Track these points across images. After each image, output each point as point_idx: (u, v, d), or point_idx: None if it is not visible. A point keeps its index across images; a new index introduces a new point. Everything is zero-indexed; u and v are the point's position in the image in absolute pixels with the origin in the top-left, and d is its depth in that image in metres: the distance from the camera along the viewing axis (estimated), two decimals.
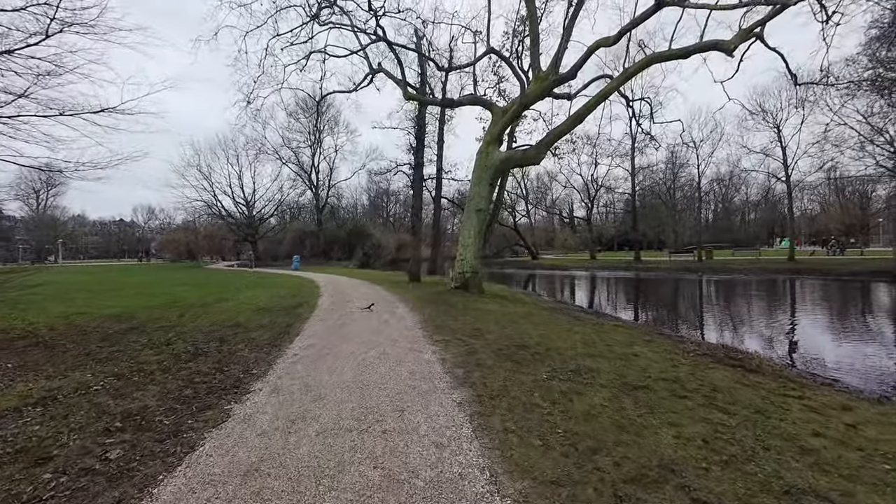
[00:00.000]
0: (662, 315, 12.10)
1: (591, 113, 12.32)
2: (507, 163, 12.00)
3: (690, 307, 13.74)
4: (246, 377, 4.03)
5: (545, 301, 12.88)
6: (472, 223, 11.63)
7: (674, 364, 4.91)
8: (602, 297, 17.20)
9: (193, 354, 4.86)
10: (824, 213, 62.77)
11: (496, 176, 12.14)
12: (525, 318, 8.04)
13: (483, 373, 4.21)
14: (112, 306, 8.55)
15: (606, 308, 13.45)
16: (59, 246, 59.21)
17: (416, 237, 15.87)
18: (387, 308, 8.67)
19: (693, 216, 60.95)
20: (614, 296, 17.77)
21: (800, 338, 8.49)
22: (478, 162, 12.28)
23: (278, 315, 7.94)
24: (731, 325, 10.26)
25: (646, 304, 14.85)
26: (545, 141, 12.00)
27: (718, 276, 22.76)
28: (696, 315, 12.00)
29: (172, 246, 56.23)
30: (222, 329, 6.44)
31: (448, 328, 6.57)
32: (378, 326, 6.58)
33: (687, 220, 56.96)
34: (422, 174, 16.44)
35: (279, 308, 8.85)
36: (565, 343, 5.79)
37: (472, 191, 12.08)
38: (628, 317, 11.58)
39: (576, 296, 18.20)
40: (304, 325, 6.83)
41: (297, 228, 51.27)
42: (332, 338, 5.74)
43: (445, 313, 8.12)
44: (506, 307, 9.43)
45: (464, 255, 11.48)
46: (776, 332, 9.09)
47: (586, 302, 15.61)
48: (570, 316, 8.87)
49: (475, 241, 11.56)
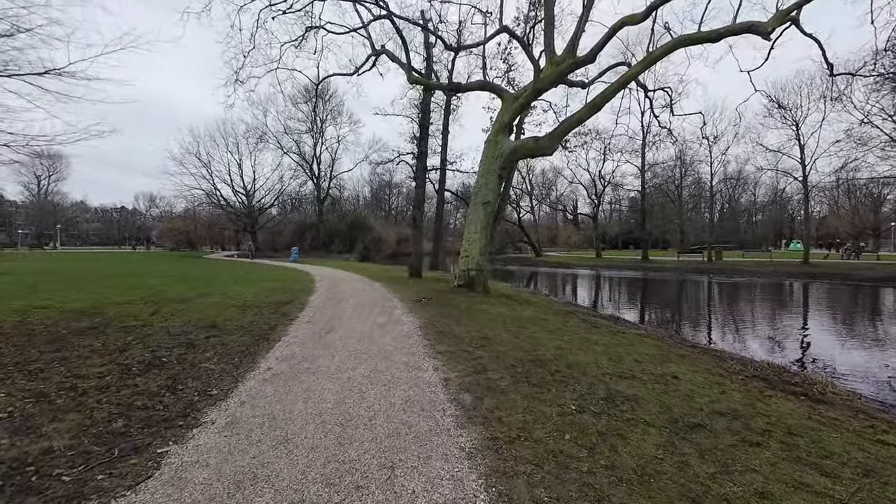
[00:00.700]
0: (685, 322, 11.22)
1: (608, 101, 11.43)
2: (518, 152, 11.12)
3: (712, 313, 12.80)
4: (201, 401, 3.22)
5: (555, 302, 12.05)
6: (479, 217, 10.79)
7: (723, 390, 4.08)
8: (614, 299, 16.31)
9: (147, 366, 4.06)
10: (834, 216, 61.54)
11: (505, 167, 11.26)
12: (537, 323, 7.23)
13: (496, 400, 3.40)
14: (80, 300, 7.76)
15: (621, 311, 12.63)
16: (57, 232, 58.49)
17: (417, 230, 15.03)
18: (383, 309, 7.86)
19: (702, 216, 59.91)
20: (627, 297, 16.89)
21: (848, 353, 7.61)
22: (486, 152, 11.41)
23: (263, 314, 7.14)
24: (765, 334, 9.32)
25: (663, 309, 13.94)
26: (559, 130, 11.10)
27: (732, 279, 21.86)
28: (722, 322, 11.09)
29: (172, 234, 55.55)
30: (195, 331, 5.64)
31: (452, 335, 5.75)
32: (372, 331, 5.78)
33: (695, 219, 55.95)
34: (425, 164, 15.57)
35: (266, 305, 8.06)
36: (587, 357, 4.97)
37: (478, 182, 11.22)
38: (647, 322, 10.75)
39: (586, 297, 17.34)
40: (288, 328, 6.02)
41: (298, 220, 50.54)
42: (316, 346, 4.94)
43: (448, 316, 7.31)
44: (514, 309, 8.61)
45: (469, 251, 10.65)
46: (820, 346, 8.19)
47: (598, 304, 14.78)
48: (584, 321, 8.05)
49: (481, 236, 10.72)
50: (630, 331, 7.43)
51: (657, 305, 14.72)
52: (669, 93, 14.86)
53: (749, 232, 66.91)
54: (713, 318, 11.86)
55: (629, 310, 13.42)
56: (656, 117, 16.95)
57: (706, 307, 14.17)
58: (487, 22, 13.06)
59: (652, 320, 11.26)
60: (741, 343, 8.39)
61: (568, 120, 11.12)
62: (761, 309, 13.41)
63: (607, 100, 11.02)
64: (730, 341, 8.47)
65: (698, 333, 9.40)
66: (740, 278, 21.97)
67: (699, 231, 65.95)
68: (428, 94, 15.55)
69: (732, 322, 11.14)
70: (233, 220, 43.84)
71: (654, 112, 16.68)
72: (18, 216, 78.91)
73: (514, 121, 11.48)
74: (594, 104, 10.86)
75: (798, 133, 26.33)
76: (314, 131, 44.33)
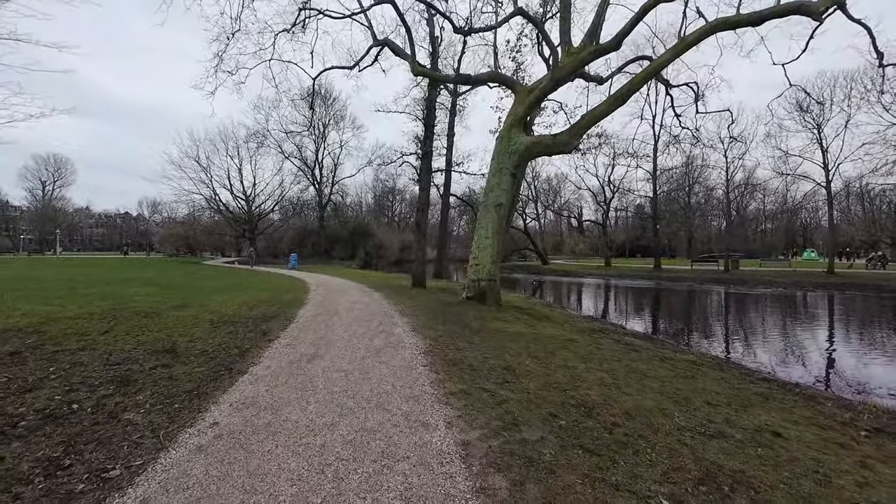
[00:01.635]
0: (732, 341, 9.83)
1: (634, 93, 10.34)
2: (534, 149, 10.00)
3: (756, 330, 11.28)
4: (82, 494, 2.05)
5: (576, 317, 10.81)
6: (491, 220, 9.65)
7: (860, 460, 2.87)
8: (639, 313, 14.89)
9: (45, 418, 2.90)
10: (847, 223, 59.89)
11: (519, 165, 10.15)
12: (564, 345, 6.03)
13: (545, 488, 2.21)
14: (29, 313, 6.65)
15: (652, 327, 11.34)
16: (56, 237, 57.90)
17: (420, 236, 13.90)
18: (382, 327, 6.69)
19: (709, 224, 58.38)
20: (651, 311, 15.48)
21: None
22: (498, 148, 10.31)
23: (238, 332, 5.99)
24: (838, 360, 7.83)
25: (698, 324, 12.37)
26: (580, 125, 10.00)
27: (756, 289, 20.51)
28: (774, 343, 9.62)
29: (172, 240, 54.77)
30: (143, 357, 4.50)
31: (465, 365, 4.57)
32: (365, 360, 4.60)
33: (705, 226, 54.49)
34: (430, 166, 14.48)
35: (246, 320, 6.91)
36: (645, 399, 3.78)
37: (490, 182, 10.10)
38: (688, 342, 9.43)
39: (605, 309, 15.97)
40: (262, 354, 4.86)
41: (299, 225, 49.61)
42: (289, 384, 3.77)
43: (458, 336, 6.13)
44: (534, 327, 7.41)
45: (479, 258, 9.49)
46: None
47: (623, 318, 13.39)
48: (619, 342, 6.84)
49: (493, 242, 9.56)
50: (676, 355, 6.20)
51: (689, 320, 13.22)
52: (695, 89, 13.75)
53: (758, 240, 65.29)
54: (760, 336, 10.38)
55: (659, 325, 12.07)
56: (678, 116, 15.81)
57: (745, 323, 12.71)
58: (498, 11, 12.06)
59: (692, 339, 9.87)
60: (814, 372, 7.05)
61: (589, 114, 10.02)
62: (809, 325, 11.97)
63: (633, 91, 9.95)
64: (799, 370, 7.08)
65: (754, 357, 8.07)
66: (765, 289, 20.62)
67: (705, 239, 64.43)
68: (433, 90, 14.53)
69: (785, 342, 9.69)
70: (232, 226, 42.90)
71: (675, 110, 15.58)
72: (22, 221, 78.79)
73: (528, 115, 10.40)
74: (618, 96, 9.79)
75: (820, 136, 25.15)
76: (316, 136, 43.57)
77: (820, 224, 67.27)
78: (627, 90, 9.72)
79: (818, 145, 25.22)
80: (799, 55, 11.43)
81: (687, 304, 17.01)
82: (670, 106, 15.65)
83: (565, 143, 9.99)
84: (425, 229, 14.44)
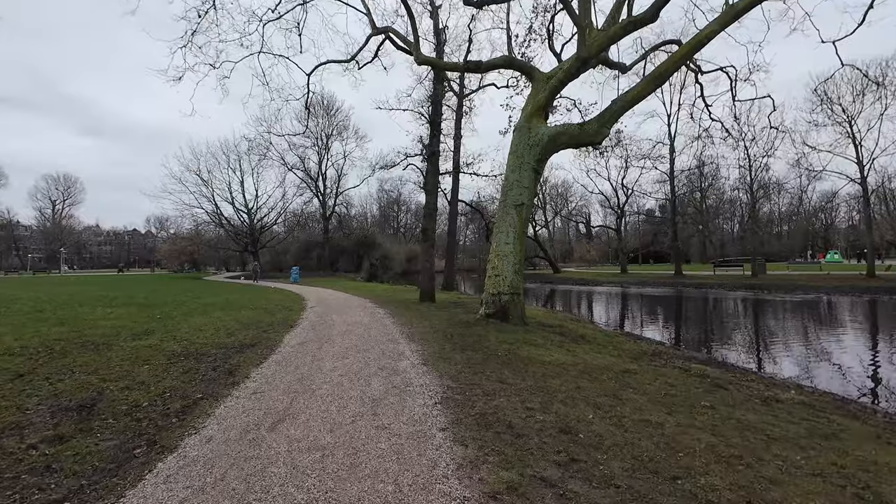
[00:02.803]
0: (831, 367, 7.79)
1: (674, 72, 8.98)
2: (559, 139, 8.62)
3: (848, 350, 9.17)
4: None
5: (614, 334, 9.22)
6: (511, 223, 8.23)
7: None
8: (681, 328, 12.93)
9: None
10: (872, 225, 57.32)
11: (542, 159, 8.75)
12: (626, 382, 4.54)
13: None
14: None
15: (711, 348, 9.47)
16: (60, 255, 57.56)
17: (428, 244, 12.50)
18: (384, 359, 5.25)
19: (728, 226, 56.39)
20: (695, 324, 13.51)
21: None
22: (516, 141, 8.96)
23: (196, 373, 4.60)
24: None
25: (763, 343, 10.21)
26: (611, 110, 8.62)
27: (797, 296, 18.71)
28: (872, 369, 7.78)
29: (176, 256, 54.05)
30: (40, 421, 3.12)
31: (504, 426, 3.11)
32: (355, 425, 3.15)
33: (716, 230, 52.46)
34: (437, 167, 13.18)
35: (214, 353, 5.52)
36: (796, 491, 2.29)
37: (508, 180, 8.72)
38: (766, 368, 7.63)
39: (640, 323, 14.08)
40: (213, 410, 3.45)
41: (303, 238, 48.61)
42: (224, 489, 2.34)
43: (484, 370, 4.68)
44: (574, 353, 5.93)
45: (499, 268, 8.04)
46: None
47: (666, 334, 11.54)
48: (688, 371, 5.31)
49: (515, 248, 8.13)
50: (780, 393, 4.64)
51: (749, 337, 11.06)
52: (731, 74, 12.35)
53: (772, 243, 62.71)
54: (861, 359, 8.39)
55: (717, 344, 10.00)
56: (707, 107, 14.40)
57: (826, 339, 10.35)
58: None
59: (772, 365, 7.91)
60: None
61: (622, 98, 8.65)
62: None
63: (671, 71, 8.63)
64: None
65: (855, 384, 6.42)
66: (806, 295, 18.83)
67: (717, 244, 62.07)
68: (439, 85, 13.30)
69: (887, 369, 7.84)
70: (234, 240, 41.95)
71: (705, 100, 14.17)
72: (31, 240, 79.13)
73: (551, 102, 9.06)
74: (656, 76, 8.43)
75: (852, 130, 23.50)
76: (319, 147, 42.79)
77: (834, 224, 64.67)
78: (666, 69, 8.35)
79: (850, 139, 23.55)
80: (854, 30, 10.07)
81: (731, 314, 15.13)
82: (699, 96, 14.28)
83: (595, 132, 8.60)
84: (433, 237, 13.06)
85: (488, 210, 29.34)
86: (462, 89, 21.46)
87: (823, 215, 60.61)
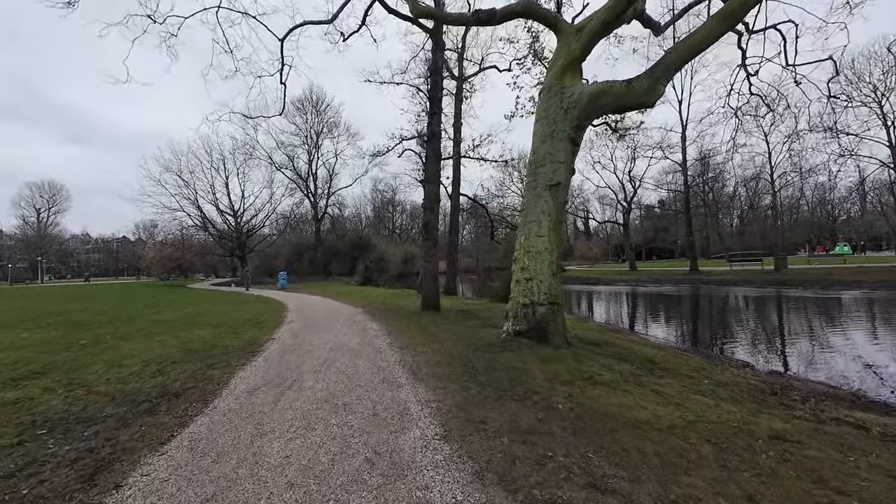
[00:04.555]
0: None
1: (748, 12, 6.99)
2: (601, 100, 6.60)
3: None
4: None
5: (680, 352, 7.12)
6: (544, 209, 6.21)
7: None
8: (741, 337, 10.08)
9: None
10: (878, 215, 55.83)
11: (581, 125, 6.73)
12: (799, 471, 2.52)
13: None
14: None
15: (812, 366, 7.17)
16: (40, 264, 54.87)
17: (430, 242, 10.43)
18: (376, 425, 3.18)
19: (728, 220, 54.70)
20: (756, 333, 10.53)
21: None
22: (545, 105, 6.94)
23: (83, 440, 2.53)
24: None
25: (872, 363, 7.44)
26: (665, 63, 6.67)
27: (844, 293, 16.79)
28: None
29: (161, 262, 51.53)
30: None
31: None
32: None
33: (712, 224, 50.66)
34: (438, 150, 11.11)
35: (99, 420, 3.44)
36: None
37: (537, 154, 6.68)
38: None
39: (683, 330, 11.61)
40: None
41: (294, 241, 46.33)
42: None
43: (549, 453, 2.63)
44: (666, 396, 3.89)
45: (532, 269, 6.01)
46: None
47: (740, 350, 8.65)
48: (868, 433, 3.32)
49: (551, 241, 6.11)
50: None
51: (871, 353, 8.07)
52: (783, 31, 10.41)
53: (775, 236, 60.98)
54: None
55: (827, 365, 7.38)
56: (750, 76, 12.45)
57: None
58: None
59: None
60: None
61: (683, 43, 6.69)
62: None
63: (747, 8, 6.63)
64: None
65: None
66: (852, 291, 16.93)
67: (715, 239, 60.19)
68: (439, 53, 11.25)
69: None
70: (220, 244, 39.62)
71: (746, 68, 12.23)
72: (14, 250, 75.92)
73: (588, 52, 7.02)
74: (727, 14, 6.48)
75: (883, 111, 21.76)
76: (309, 146, 40.60)
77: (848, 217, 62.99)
78: (741, 4, 6.39)
79: (881, 120, 21.80)
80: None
81: (795, 318, 12.39)
82: (740, 64, 12.34)
83: (645, 90, 6.61)
84: (436, 234, 11.00)
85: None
86: (461, 71, 19.46)
87: (831, 207, 58.93)
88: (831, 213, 59.31)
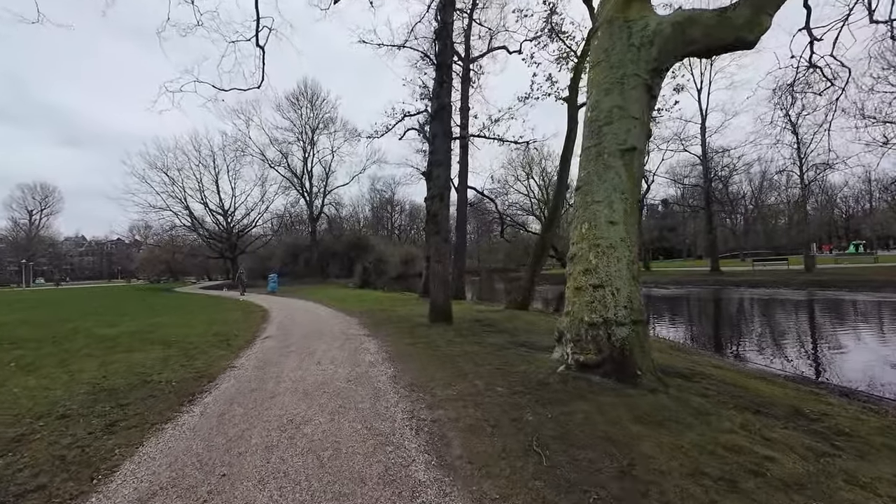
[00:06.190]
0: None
1: None
2: (689, 33, 4.71)
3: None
4: None
5: (833, 400, 5.03)
6: (616, 185, 4.31)
7: None
8: (843, 364, 7.35)
9: None
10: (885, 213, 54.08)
11: (660, 68, 4.83)
12: None
13: None
14: None
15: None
16: (23, 267, 52.74)
17: (440, 237, 8.49)
18: None
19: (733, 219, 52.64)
20: (860, 359, 7.69)
21: None
22: (605, 45, 5.03)
23: None
24: None
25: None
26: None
27: None
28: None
29: (150, 265, 49.48)
30: None
31: None
32: None
33: (720, 223, 48.64)
34: (448, 127, 9.20)
35: None
36: None
37: (600, 107, 4.75)
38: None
39: (759, 346, 8.99)
40: None
41: (289, 241, 44.35)
42: None
43: None
44: None
45: (601, 272, 4.09)
46: None
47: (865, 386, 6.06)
48: None
49: (629, 230, 4.22)
50: None
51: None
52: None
53: (781, 235, 59.04)
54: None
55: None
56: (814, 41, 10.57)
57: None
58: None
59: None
60: None
61: None
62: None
63: None
64: None
65: None
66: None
67: (722, 238, 57.92)
68: (449, 8, 9.35)
69: None
70: (209, 245, 37.61)
71: (811, 32, 10.34)
72: (4, 253, 73.61)
73: None
74: None
75: None
76: (304, 142, 38.66)
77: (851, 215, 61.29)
78: None
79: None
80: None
81: (857, 328, 10.23)
82: (802, 28, 10.46)
83: (746, 21, 4.73)
84: (447, 226, 9.08)
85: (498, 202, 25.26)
86: (468, 52, 17.60)
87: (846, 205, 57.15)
88: (844, 211, 57.66)
